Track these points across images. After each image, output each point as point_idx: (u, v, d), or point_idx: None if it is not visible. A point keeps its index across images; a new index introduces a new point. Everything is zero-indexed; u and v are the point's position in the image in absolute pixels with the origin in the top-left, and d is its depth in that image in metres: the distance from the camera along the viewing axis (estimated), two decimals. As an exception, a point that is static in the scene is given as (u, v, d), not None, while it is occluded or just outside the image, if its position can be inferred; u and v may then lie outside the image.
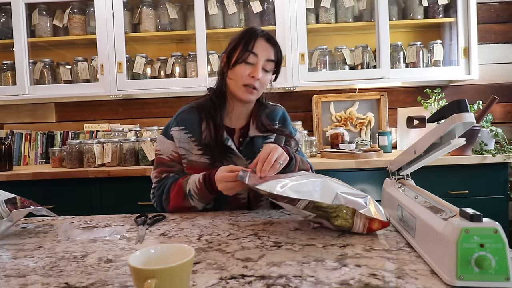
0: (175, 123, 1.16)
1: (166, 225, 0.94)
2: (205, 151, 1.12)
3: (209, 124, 1.13)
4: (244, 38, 1.11)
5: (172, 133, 1.15)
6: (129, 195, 1.92)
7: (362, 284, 0.56)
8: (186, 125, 1.15)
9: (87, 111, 2.56)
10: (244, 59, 1.09)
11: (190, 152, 1.13)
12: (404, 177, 0.95)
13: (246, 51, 1.09)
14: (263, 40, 1.11)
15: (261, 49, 1.10)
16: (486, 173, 1.92)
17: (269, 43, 1.11)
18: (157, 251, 0.55)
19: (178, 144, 1.14)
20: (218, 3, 2.24)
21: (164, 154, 1.15)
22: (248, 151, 1.16)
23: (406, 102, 2.48)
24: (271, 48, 1.11)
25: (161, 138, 1.17)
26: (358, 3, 2.30)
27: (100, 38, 2.21)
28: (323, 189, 0.83)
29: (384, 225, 0.78)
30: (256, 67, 1.09)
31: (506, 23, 2.45)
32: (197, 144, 1.13)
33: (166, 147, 1.15)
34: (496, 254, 0.53)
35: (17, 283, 0.61)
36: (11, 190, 0.99)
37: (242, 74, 1.09)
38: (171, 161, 1.15)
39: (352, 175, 1.93)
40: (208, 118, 1.14)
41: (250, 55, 1.09)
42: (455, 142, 0.69)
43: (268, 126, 1.19)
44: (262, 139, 1.18)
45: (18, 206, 0.92)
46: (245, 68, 1.09)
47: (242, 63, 1.09)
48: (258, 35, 1.10)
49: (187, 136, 1.14)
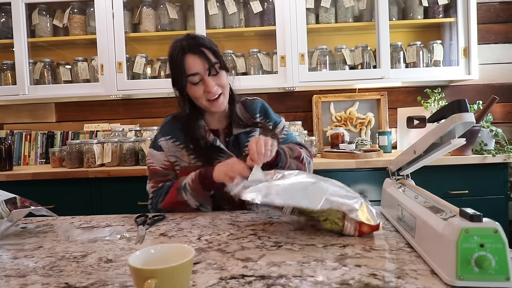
0: (161, 134, 1.19)
1: (166, 225, 0.94)
2: (196, 156, 1.15)
3: (193, 132, 1.15)
4: (175, 63, 1.09)
5: (160, 144, 1.18)
6: (129, 195, 1.92)
7: (362, 284, 0.56)
8: (172, 134, 1.18)
9: (87, 111, 2.56)
10: (190, 82, 1.09)
11: (181, 159, 1.16)
12: (404, 177, 0.95)
13: (185, 76, 1.08)
14: (192, 55, 1.07)
15: (195, 64, 1.07)
16: (486, 173, 1.92)
17: (197, 54, 1.07)
18: (157, 251, 0.55)
19: (168, 153, 1.16)
20: (218, 3, 2.24)
21: (156, 165, 1.17)
22: (235, 148, 1.19)
23: (406, 102, 2.48)
24: (201, 57, 1.07)
25: (151, 151, 1.20)
26: (358, 3, 2.30)
27: (100, 38, 2.21)
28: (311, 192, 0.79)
29: (373, 229, 0.77)
30: (205, 82, 1.09)
31: (506, 23, 2.45)
32: (187, 151, 1.16)
33: (158, 158, 1.17)
34: (496, 254, 0.53)
35: (17, 283, 0.61)
36: (11, 190, 0.99)
37: (198, 96, 1.11)
38: (165, 169, 1.17)
39: (352, 175, 1.93)
40: (191, 127, 1.16)
41: (190, 77, 1.08)
42: (455, 142, 0.69)
43: (248, 121, 1.21)
44: (245, 135, 1.21)
45: (18, 206, 0.92)
46: (197, 89, 1.10)
47: (190, 86, 1.10)
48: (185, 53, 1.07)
49: (175, 144, 1.17)
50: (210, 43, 1.12)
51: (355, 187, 1.93)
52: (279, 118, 1.30)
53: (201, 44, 1.09)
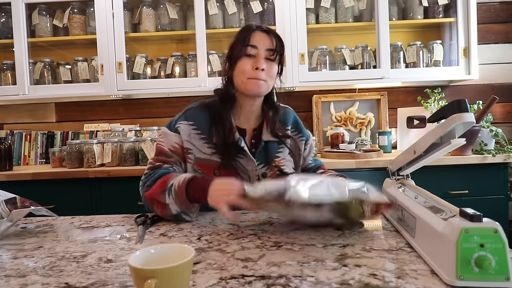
0: (184, 117, 1.13)
1: (166, 225, 0.94)
2: (216, 150, 1.09)
3: (219, 124, 1.10)
4: (241, 34, 1.11)
5: (179, 126, 1.11)
6: (129, 195, 1.92)
7: (362, 284, 0.56)
8: (196, 121, 1.12)
9: (87, 111, 2.56)
10: (244, 53, 1.08)
11: (199, 149, 1.10)
12: (404, 177, 0.95)
13: (244, 45, 1.08)
14: (260, 32, 1.10)
15: (259, 39, 1.09)
16: (486, 173, 1.92)
17: (267, 34, 1.10)
18: (157, 251, 0.55)
19: (185, 138, 1.10)
20: (218, 3, 2.24)
21: (165, 145, 1.11)
22: (261, 155, 1.14)
23: (406, 102, 2.48)
24: (269, 37, 1.10)
25: (164, 129, 1.14)
26: (358, 3, 2.30)
27: (100, 38, 2.21)
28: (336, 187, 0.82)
29: (388, 206, 0.81)
30: (257, 58, 1.08)
31: (506, 23, 2.45)
32: (207, 142, 1.10)
33: (169, 139, 1.11)
34: (496, 254, 0.53)
35: (17, 283, 0.61)
36: (11, 190, 0.99)
37: (245, 68, 1.08)
38: (171, 151, 1.10)
39: (352, 175, 1.91)
40: (218, 118, 1.11)
41: (249, 48, 1.08)
42: (455, 142, 0.69)
43: (281, 132, 1.17)
44: (276, 144, 1.17)
45: (18, 206, 0.92)
46: (247, 62, 1.08)
47: (243, 57, 1.09)
48: (253, 29, 1.10)
49: (196, 133, 1.10)
50: (280, 37, 1.14)
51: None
52: (308, 133, 1.27)
53: (272, 31, 1.12)
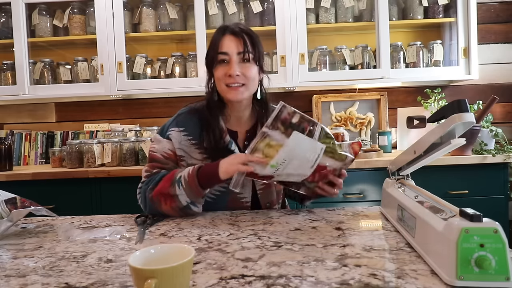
0: (175, 123, 1.14)
1: (166, 225, 0.94)
2: (207, 155, 1.10)
3: (209, 129, 1.11)
4: (212, 39, 1.11)
5: (170, 133, 1.12)
6: (129, 195, 1.90)
7: (362, 284, 0.56)
8: (186, 127, 1.13)
9: (87, 111, 2.56)
10: (217, 61, 1.09)
11: (190, 155, 1.11)
12: (404, 177, 0.95)
13: (216, 52, 1.08)
14: (229, 35, 1.09)
15: (229, 45, 1.08)
16: (486, 173, 1.92)
17: (236, 36, 1.09)
18: (157, 251, 0.55)
19: (177, 146, 1.11)
20: (218, 3, 2.24)
21: (158, 152, 1.12)
22: None
23: (406, 102, 2.48)
24: (238, 40, 1.09)
25: (157, 136, 1.15)
26: (358, 3, 2.30)
27: (100, 38, 2.21)
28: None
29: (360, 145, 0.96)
30: (230, 64, 1.07)
31: (506, 23, 2.45)
32: (198, 147, 1.11)
33: (162, 146, 1.12)
34: (496, 254, 0.53)
35: (17, 283, 0.61)
36: (11, 190, 0.99)
37: (219, 76, 1.09)
38: (165, 158, 1.12)
39: (352, 175, 1.92)
40: (207, 123, 1.11)
41: (220, 55, 1.08)
42: (455, 142, 0.69)
43: None
44: None
45: (18, 206, 0.92)
46: (221, 70, 1.08)
47: (217, 65, 1.09)
48: (223, 33, 1.09)
49: (187, 139, 1.12)
50: (255, 35, 1.11)
51: (355, 187, 1.94)
52: None
53: (244, 31, 1.10)
